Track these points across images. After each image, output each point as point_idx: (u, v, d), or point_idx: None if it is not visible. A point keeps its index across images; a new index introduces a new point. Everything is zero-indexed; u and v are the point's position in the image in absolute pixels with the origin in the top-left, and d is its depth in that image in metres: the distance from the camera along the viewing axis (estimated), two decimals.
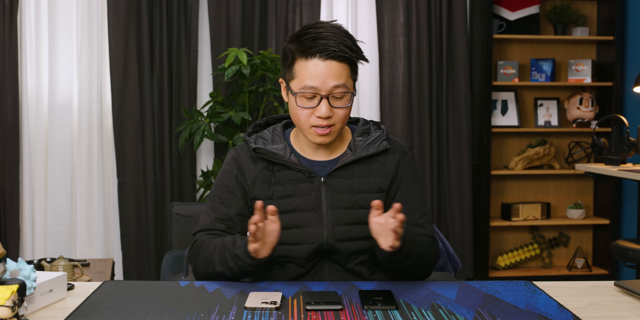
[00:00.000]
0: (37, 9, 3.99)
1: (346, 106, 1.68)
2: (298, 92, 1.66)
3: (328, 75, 1.64)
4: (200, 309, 1.42)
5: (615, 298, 1.53)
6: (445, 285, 1.62)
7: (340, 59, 1.65)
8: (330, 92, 1.65)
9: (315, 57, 1.64)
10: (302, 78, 1.66)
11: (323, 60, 1.64)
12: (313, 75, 1.64)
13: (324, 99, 1.65)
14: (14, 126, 3.96)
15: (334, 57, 1.64)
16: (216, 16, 4.11)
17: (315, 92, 1.65)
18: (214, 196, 1.78)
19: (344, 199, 1.73)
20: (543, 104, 4.59)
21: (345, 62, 1.66)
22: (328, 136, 1.69)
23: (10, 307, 1.23)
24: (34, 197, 4.04)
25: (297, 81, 1.67)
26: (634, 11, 4.36)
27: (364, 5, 4.29)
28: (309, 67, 1.65)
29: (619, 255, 3.08)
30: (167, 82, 4.07)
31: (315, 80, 1.64)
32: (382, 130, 1.81)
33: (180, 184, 4.13)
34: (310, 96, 1.66)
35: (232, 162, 1.79)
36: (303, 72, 1.66)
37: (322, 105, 1.65)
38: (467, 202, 4.37)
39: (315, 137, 1.69)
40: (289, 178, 1.73)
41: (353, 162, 1.75)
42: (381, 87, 4.31)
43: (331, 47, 1.64)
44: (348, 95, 1.67)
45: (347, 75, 1.67)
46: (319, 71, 1.64)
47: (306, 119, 1.68)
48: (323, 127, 1.67)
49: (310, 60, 1.65)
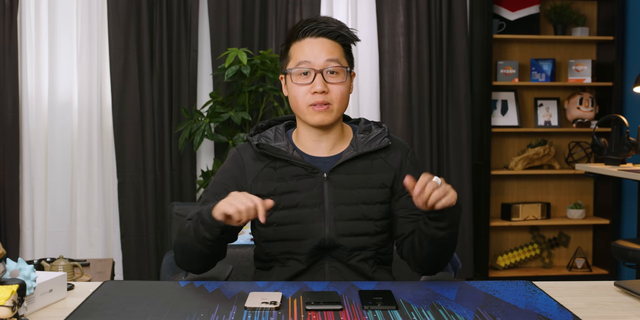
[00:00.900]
0: (37, 9, 3.99)
1: (341, 82, 1.72)
2: (293, 68, 1.72)
3: (321, 50, 1.71)
4: (200, 309, 1.42)
5: (615, 298, 1.53)
6: (445, 285, 1.62)
7: (332, 35, 1.73)
8: (324, 66, 1.70)
9: (307, 37, 1.73)
10: (296, 57, 1.73)
11: (315, 38, 1.72)
12: (306, 52, 1.72)
13: (318, 74, 1.70)
14: (14, 126, 3.96)
15: (324, 33, 1.72)
16: (216, 16, 4.11)
17: (310, 67, 1.70)
18: (209, 191, 1.80)
19: (346, 194, 1.73)
20: (543, 104, 4.59)
21: (337, 40, 1.73)
22: (326, 114, 1.71)
23: (10, 307, 1.23)
24: (34, 197, 4.04)
25: (292, 61, 1.74)
26: (634, 11, 4.36)
27: (364, 5, 4.29)
28: (302, 46, 1.73)
29: (619, 255, 3.08)
30: (167, 82, 4.07)
31: (309, 55, 1.71)
32: (383, 128, 1.82)
33: (180, 184, 4.13)
34: (304, 71, 1.71)
35: (232, 160, 1.80)
36: (297, 52, 1.73)
37: (316, 80, 1.70)
38: (467, 202, 4.37)
39: (313, 115, 1.72)
40: (291, 174, 1.74)
41: (355, 158, 1.76)
42: (381, 87, 4.31)
43: (322, 24, 1.73)
44: (343, 71, 1.73)
45: (340, 54, 1.73)
46: (312, 47, 1.72)
47: (303, 98, 1.72)
48: (321, 106, 1.70)
49: (303, 40, 1.73)
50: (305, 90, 1.71)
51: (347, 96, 1.75)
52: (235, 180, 1.77)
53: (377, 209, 1.75)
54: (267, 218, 1.74)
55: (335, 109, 1.72)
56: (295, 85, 1.72)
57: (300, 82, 1.72)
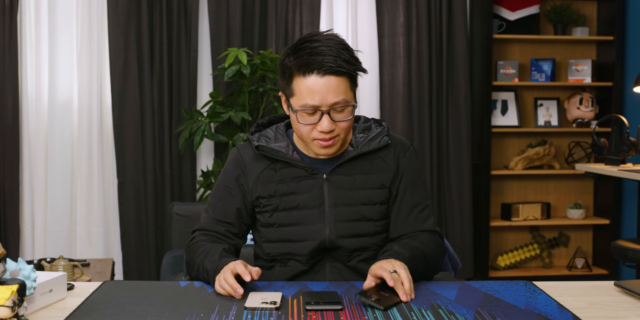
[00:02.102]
0: (37, 9, 3.99)
1: (347, 119, 1.66)
2: (299, 109, 1.64)
3: (327, 91, 1.62)
4: (200, 309, 1.42)
5: (615, 298, 1.53)
6: (445, 285, 1.62)
7: (338, 73, 1.62)
8: (331, 107, 1.63)
9: (312, 74, 1.62)
10: (301, 96, 1.63)
11: (321, 77, 1.61)
12: (312, 93, 1.62)
13: (325, 114, 1.64)
14: (14, 126, 3.96)
15: (331, 72, 1.61)
16: (216, 16, 4.11)
17: (316, 108, 1.63)
18: (214, 195, 1.80)
19: (346, 195, 1.73)
20: (543, 104, 4.59)
21: (344, 75, 1.63)
22: (332, 147, 1.69)
23: (10, 307, 1.23)
24: (34, 197, 4.04)
25: (297, 99, 1.65)
26: (634, 11, 4.36)
27: (364, 5, 4.29)
28: (308, 84, 1.62)
29: (619, 255, 3.08)
30: (167, 82, 4.06)
31: (315, 97, 1.62)
32: (382, 126, 1.81)
33: (180, 184, 4.13)
34: (311, 112, 1.64)
35: (234, 162, 1.80)
36: (302, 90, 1.63)
37: (323, 120, 1.64)
38: (467, 202, 4.37)
39: (319, 149, 1.69)
40: (291, 175, 1.74)
41: (355, 159, 1.75)
42: (381, 87, 4.31)
43: (328, 62, 1.61)
44: (349, 108, 1.66)
45: (346, 89, 1.64)
46: (318, 88, 1.62)
47: (308, 134, 1.67)
48: (326, 140, 1.67)
49: (308, 77, 1.62)
50: (310, 127, 1.66)
51: (352, 124, 1.71)
52: (238, 183, 1.77)
53: (376, 210, 1.75)
54: (268, 219, 1.75)
55: (341, 139, 1.70)
56: (301, 124, 1.66)
57: (305, 122, 1.65)
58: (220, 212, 1.77)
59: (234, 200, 1.77)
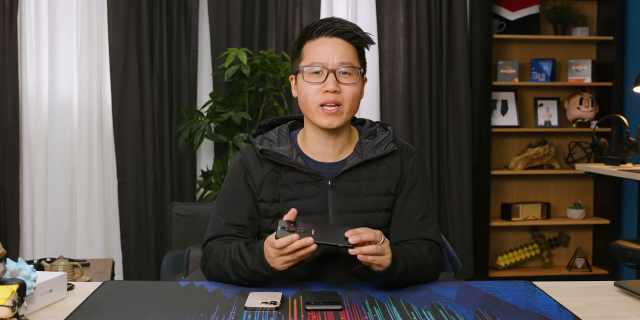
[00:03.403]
0: (37, 9, 4.00)
1: (353, 83, 1.69)
2: (306, 67, 1.69)
3: (334, 51, 1.68)
4: (200, 309, 1.42)
5: (615, 298, 1.53)
6: (445, 285, 1.62)
7: (347, 36, 1.70)
8: (337, 67, 1.68)
9: (321, 36, 1.70)
10: (309, 56, 1.70)
11: (329, 38, 1.70)
12: (320, 52, 1.69)
13: (330, 73, 1.67)
14: (14, 126, 3.96)
15: (338, 33, 1.70)
16: (216, 16, 4.11)
17: (323, 66, 1.68)
18: (223, 201, 1.76)
19: (351, 202, 1.71)
20: (543, 104, 4.59)
21: (351, 42, 1.71)
22: (336, 116, 1.68)
23: (10, 307, 1.23)
24: (34, 197, 4.04)
25: (305, 60, 1.71)
26: (634, 11, 4.36)
27: (364, 5, 4.29)
28: (316, 45, 1.70)
29: (619, 255, 3.08)
30: (167, 82, 4.07)
31: (322, 56, 1.68)
32: (388, 131, 1.79)
33: (180, 184, 4.13)
34: (317, 70, 1.68)
35: (239, 165, 1.76)
36: (310, 51, 1.70)
37: (329, 79, 1.67)
38: (467, 202, 4.37)
39: (323, 117, 1.68)
40: (295, 180, 1.71)
41: (360, 165, 1.73)
42: (381, 87, 4.31)
43: (337, 24, 1.70)
44: (356, 72, 1.70)
45: (354, 56, 1.71)
46: (326, 47, 1.69)
47: (314, 97, 1.68)
48: (331, 106, 1.67)
49: (317, 39, 1.70)
50: (316, 89, 1.68)
51: (358, 98, 1.72)
52: (247, 184, 1.74)
53: (381, 217, 1.73)
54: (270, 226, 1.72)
55: (346, 111, 1.69)
56: (307, 83, 1.69)
57: (312, 81, 1.68)
58: (232, 215, 1.73)
59: (245, 203, 1.73)
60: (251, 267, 1.57)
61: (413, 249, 1.66)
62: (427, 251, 1.68)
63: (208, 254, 1.69)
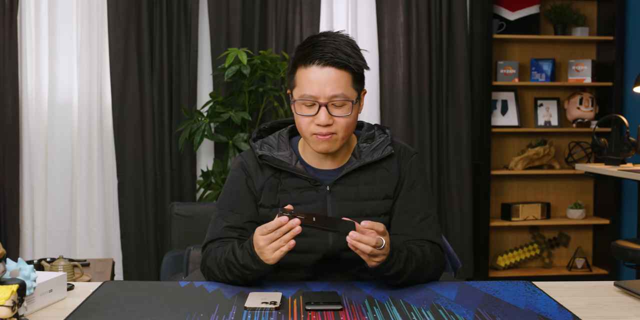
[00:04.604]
0: (37, 9, 4.00)
1: (346, 115, 1.64)
2: (298, 99, 1.64)
3: (326, 82, 1.61)
4: (200, 309, 1.42)
5: (615, 298, 1.53)
6: (445, 285, 1.62)
7: (338, 65, 1.62)
8: (329, 100, 1.62)
9: (313, 64, 1.62)
10: (301, 86, 1.64)
11: (321, 68, 1.62)
12: (312, 83, 1.62)
13: (322, 107, 1.62)
14: (14, 126, 3.96)
15: (331, 63, 1.61)
16: (216, 16, 4.11)
17: (314, 100, 1.63)
18: (224, 204, 1.75)
19: (350, 207, 1.71)
20: (543, 104, 4.59)
21: (344, 69, 1.63)
22: (330, 143, 1.66)
23: (10, 307, 1.23)
24: (34, 197, 4.04)
25: (298, 89, 1.65)
26: (634, 11, 4.36)
27: (364, 5, 4.29)
28: (308, 74, 1.63)
29: (619, 255, 3.08)
30: (167, 82, 4.07)
31: (314, 88, 1.62)
32: (386, 134, 1.78)
33: (180, 184, 4.13)
34: (309, 104, 1.64)
35: (239, 169, 1.76)
36: (302, 80, 1.64)
37: (320, 113, 1.63)
38: (467, 202, 4.37)
39: (317, 144, 1.67)
40: (294, 186, 1.72)
41: (358, 169, 1.73)
42: (381, 87, 4.31)
43: (328, 53, 1.61)
44: (348, 104, 1.64)
45: (347, 84, 1.63)
46: (317, 78, 1.62)
47: (307, 127, 1.65)
48: (324, 135, 1.65)
49: (309, 67, 1.63)
50: (308, 120, 1.65)
51: (353, 124, 1.68)
52: (248, 187, 1.74)
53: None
54: None
55: (340, 138, 1.67)
56: (299, 115, 1.66)
57: (304, 113, 1.64)
58: (233, 219, 1.72)
59: (245, 205, 1.73)
60: (241, 262, 1.58)
61: (414, 247, 1.67)
62: (429, 250, 1.69)
63: (207, 255, 1.69)
